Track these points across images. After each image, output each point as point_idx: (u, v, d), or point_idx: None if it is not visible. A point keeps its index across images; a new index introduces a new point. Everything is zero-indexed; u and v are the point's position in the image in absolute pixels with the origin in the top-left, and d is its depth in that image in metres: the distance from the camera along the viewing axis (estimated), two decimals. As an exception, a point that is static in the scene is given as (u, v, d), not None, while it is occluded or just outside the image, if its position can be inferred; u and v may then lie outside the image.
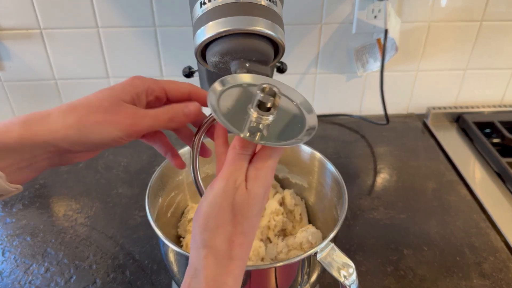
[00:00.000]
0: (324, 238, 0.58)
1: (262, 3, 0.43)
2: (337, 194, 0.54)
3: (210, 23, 0.43)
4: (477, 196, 0.76)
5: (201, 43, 0.44)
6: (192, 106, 0.38)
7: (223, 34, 0.42)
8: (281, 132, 0.35)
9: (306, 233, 0.56)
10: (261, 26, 0.42)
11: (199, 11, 0.44)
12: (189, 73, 0.64)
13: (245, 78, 0.39)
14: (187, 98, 0.39)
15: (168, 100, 0.39)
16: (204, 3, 0.44)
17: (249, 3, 0.43)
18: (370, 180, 0.81)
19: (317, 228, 0.59)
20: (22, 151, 0.33)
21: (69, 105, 0.34)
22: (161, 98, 0.38)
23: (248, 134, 0.33)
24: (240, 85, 0.39)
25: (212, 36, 0.43)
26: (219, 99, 0.37)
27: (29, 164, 0.34)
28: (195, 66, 0.64)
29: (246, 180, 0.33)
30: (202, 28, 0.43)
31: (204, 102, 0.39)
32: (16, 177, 0.34)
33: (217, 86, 0.37)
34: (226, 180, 0.32)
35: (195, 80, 0.67)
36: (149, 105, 0.38)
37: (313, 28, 0.87)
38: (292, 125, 0.36)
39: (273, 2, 0.45)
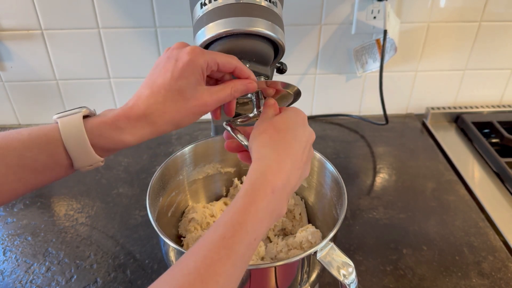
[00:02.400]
0: (323, 237, 0.58)
1: (262, 4, 0.44)
2: (336, 194, 0.54)
3: (211, 24, 0.43)
4: (476, 196, 0.76)
5: (201, 44, 0.44)
6: (251, 85, 0.43)
7: (224, 35, 0.43)
8: None
9: (306, 232, 0.57)
10: (261, 27, 0.43)
11: (199, 11, 0.45)
12: None
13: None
14: (232, 71, 0.42)
15: (218, 71, 0.42)
16: (205, 4, 0.44)
17: (249, 4, 0.43)
18: (370, 180, 0.81)
19: (316, 227, 0.60)
20: (123, 147, 0.41)
21: (159, 103, 0.39)
22: (213, 69, 0.41)
23: None
24: None
25: (213, 36, 0.43)
26: None
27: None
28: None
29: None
30: (203, 29, 0.44)
31: (243, 76, 0.43)
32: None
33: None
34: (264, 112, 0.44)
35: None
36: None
37: (312, 28, 0.87)
38: None
39: (273, 3, 0.45)
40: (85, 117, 0.39)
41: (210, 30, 0.43)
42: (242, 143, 0.46)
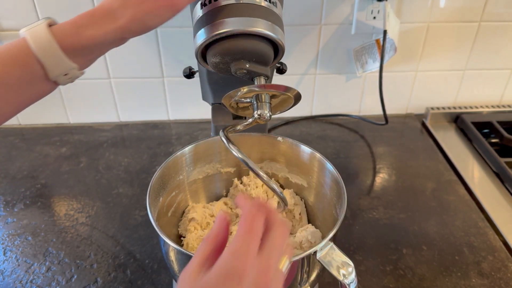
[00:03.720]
0: (323, 237, 0.58)
1: (262, 4, 0.44)
2: (336, 194, 0.54)
3: (210, 24, 0.43)
4: (476, 196, 0.77)
5: (201, 44, 0.44)
6: None
7: (223, 35, 0.43)
8: None
9: (305, 232, 0.57)
10: (261, 27, 0.43)
11: (199, 12, 0.45)
12: (189, 74, 0.64)
13: None
14: None
15: None
16: (205, 4, 0.44)
17: (249, 4, 0.43)
18: (370, 180, 0.81)
19: (316, 227, 0.60)
20: (94, 49, 0.40)
21: (120, 2, 0.39)
22: None
23: None
24: None
25: (213, 36, 0.43)
26: None
27: (97, 56, 0.42)
28: (195, 67, 0.64)
29: None
30: (203, 29, 0.44)
31: None
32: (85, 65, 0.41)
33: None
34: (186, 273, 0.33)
35: (195, 81, 0.67)
36: None
37: (312, 29, 0.87)
38: None
39: (272, 3, 0.45)
40: (51, 26, 0.39)
41: (210, 31, 0.43)
42: (237, 155, 0.46)
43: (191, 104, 0.97)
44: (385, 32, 0.82)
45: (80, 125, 0.97)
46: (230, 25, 0.42)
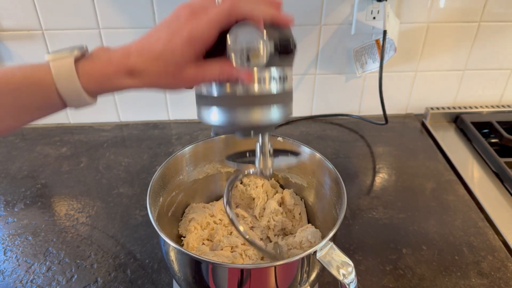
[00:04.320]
0: (323, 237, 0.59)
1: (273, 92, 0.41)
2: (336, 194, 0.54)
3: (216, 108, 0.42)
4: (476, 196, 0.77)
5: (217, 125, 0.43)
6: (231, 71, 0.40)
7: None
8: None
9: (305, 232, 0.57)
10: (277, 117, 0.42)
11: (214, 91, 0.42)
12: None
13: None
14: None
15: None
16: (220, 86, 0.41)
17: (258, 97, 0.41)
18: (369, 180, 0.81)
19: (316, 227, 0.60)
20: (114, 91, 0.42)
21: (142, 65, 0.40)
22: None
23: None
24: None
25: (219, 126, 0.42)
26: None
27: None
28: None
29: None
30: (209, 110, 0.43)
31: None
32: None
33: None
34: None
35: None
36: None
37: (312, 29, 0.87)
38: None
39: (282, 79, 0.42)
40: (78, 60, 0.40)
41: (217, 117, 0.42)
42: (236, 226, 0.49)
43: (191, 104, 0.96)
44: (385, 32, 0.83)
45: (81, 125, 0.97)
46: (238, 118, 0.41)
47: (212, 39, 0.38)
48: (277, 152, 0.49)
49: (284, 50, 0.38)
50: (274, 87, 0.41)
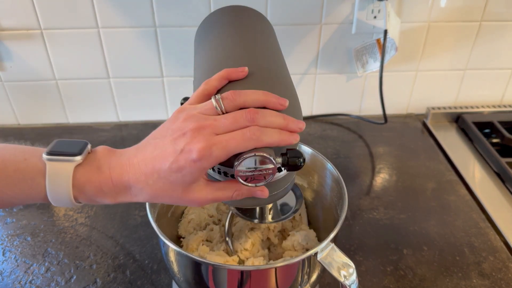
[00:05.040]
0: (323, 238, 0.58)
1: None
2: (337, 194, 0.54)
3: None
4: (477, 196, 0.76)
5: None
6: (245, 191, 0.39)
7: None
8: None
9: (298, 235, 0.57)
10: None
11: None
12: None
13: None
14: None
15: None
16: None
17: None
18: (370, 180, 0.81)
19: (317, 228, 0.60)
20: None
21: (144, 184, 0.38)
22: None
23: None
24: None
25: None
26: None
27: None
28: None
29: None
30: None
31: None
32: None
33: None
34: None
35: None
36: None
37: (313, 28, 0.87)
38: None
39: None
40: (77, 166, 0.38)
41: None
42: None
43: (191, 104, 0.96)
44: (385, 31, 0.82)
45: (80, 125, 0.97)
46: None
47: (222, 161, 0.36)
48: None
49: (293, 168, 0.38)
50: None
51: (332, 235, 0.44)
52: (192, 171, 0.35)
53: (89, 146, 0.39)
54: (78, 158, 0.37)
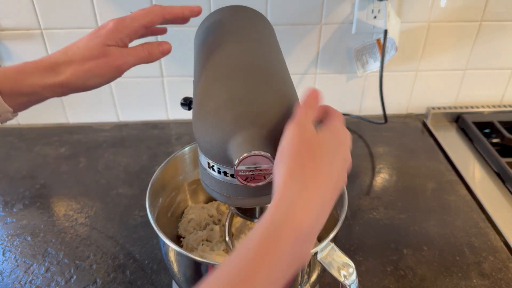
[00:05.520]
0: (318, 237, 0.58)
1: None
2: (337, 194, 0.54)
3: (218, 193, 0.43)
4: (477, 196, 0.76)
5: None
6: (166, 45, 0.48)
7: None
8: None
9: None
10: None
11: (203, 160, 0.42)
12: (189, 104, 0.54)
13: None
14: (163, 19, 0.46)
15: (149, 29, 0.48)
16: (211, 167, 0.41)
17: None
18: (370, 180, 0.81)
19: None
20: (31, 97, 0.42)
21: (65, 57, 0.42)
22: (143, 33, 0.47)
23: None
24: None
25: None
26: None
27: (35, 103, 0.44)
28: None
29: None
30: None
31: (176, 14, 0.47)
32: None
33: None
34: (298, 123, 0.35)
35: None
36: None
37: (313, 28, 0.87)
38: None
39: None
40: None
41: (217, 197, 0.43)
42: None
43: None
44: (385, 31, 0.82)
45: (80, 125, 0.97)
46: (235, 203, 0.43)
47: (139, 32, 0.43)
48: None
49: None
50: None
51: (332, 235, 0.44)
52: (107, 34, 0.42)
53: None
54: None
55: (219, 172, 0.40)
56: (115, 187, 0.79)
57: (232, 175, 0.40)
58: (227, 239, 0.54)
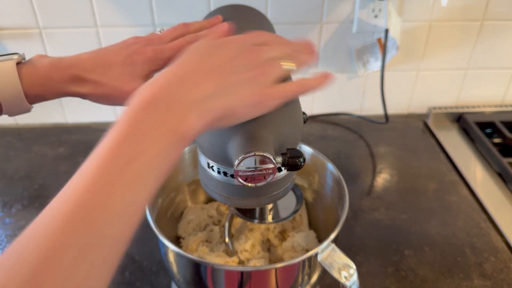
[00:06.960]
0: (319, 238, 0.58)
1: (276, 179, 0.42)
2: (337, 195, 0.54)
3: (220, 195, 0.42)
4: (478, 197, 0.76)
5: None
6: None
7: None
8: None
9: (298, 236, 0.56)
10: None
11: (203, 161, 0.42)
12: None
13: None
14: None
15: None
16: (211, 168, 0.41)
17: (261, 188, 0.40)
18: (371, 180, 0.81)
19: (317, 228, 0.59)
20: (53, 98, 0.42)
21: (95, 77, 0.41)
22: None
23: None
24: None
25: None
26: None
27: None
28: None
29: None
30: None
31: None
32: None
33: None
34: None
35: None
36: None
37: (313, 27, 0.87)
38: None
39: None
40: (19, 63, 0.39)
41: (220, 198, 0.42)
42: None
43: (191, 104, 0.96)
44: (386, 31, 0.82)
45: (78, 125, 0.96)
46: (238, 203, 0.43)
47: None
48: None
49: (293, 168, 0.37)
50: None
51: (332, 236, 0.44)
52: (144, 64, 0.40)
53: (22, 52, 0.41)
54: (16, 56, 0.39)
55: (219, 172, 0.40)
56: (115, 187, 0.78)
57: (232, 175, 0.39)
58: (227, 240, 0.54)
